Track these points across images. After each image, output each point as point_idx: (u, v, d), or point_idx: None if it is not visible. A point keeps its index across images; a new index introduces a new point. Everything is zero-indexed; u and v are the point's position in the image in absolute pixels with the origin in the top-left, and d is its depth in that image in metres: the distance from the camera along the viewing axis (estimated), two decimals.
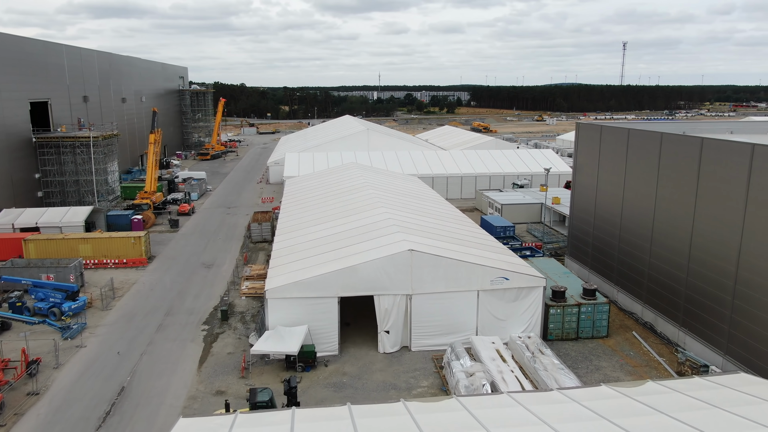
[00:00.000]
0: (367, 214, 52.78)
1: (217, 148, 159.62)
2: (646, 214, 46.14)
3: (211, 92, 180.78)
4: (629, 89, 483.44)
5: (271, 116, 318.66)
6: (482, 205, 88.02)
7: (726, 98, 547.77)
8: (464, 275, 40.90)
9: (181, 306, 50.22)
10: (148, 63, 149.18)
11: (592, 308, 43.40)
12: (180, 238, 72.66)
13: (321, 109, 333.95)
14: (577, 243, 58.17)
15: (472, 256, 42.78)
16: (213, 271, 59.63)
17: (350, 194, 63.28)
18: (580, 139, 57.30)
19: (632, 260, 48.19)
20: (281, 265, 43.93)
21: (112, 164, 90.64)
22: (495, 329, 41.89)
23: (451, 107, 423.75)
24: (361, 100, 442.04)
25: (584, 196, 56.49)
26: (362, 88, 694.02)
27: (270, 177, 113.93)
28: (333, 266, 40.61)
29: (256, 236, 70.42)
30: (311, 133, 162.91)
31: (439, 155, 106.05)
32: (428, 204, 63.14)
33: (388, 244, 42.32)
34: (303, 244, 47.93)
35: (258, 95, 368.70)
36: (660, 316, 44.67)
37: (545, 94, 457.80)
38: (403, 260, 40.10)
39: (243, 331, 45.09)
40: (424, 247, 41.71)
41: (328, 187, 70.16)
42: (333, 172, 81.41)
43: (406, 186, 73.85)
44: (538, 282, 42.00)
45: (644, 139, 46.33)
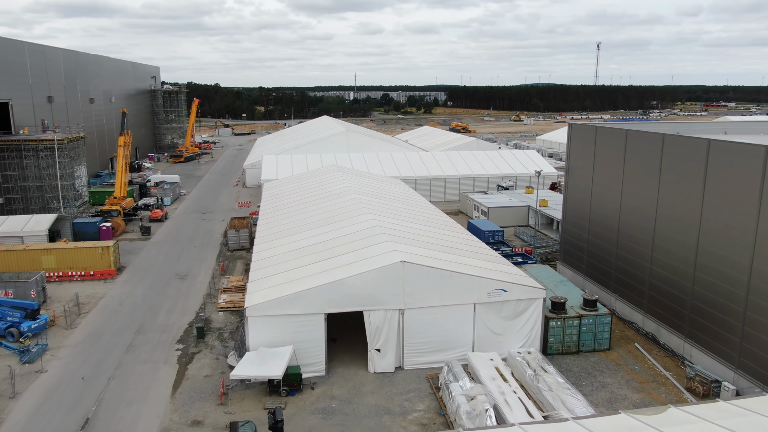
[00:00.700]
0: (352, 221, 49.76)
1: (191, 149, 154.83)
2: (646, 219, 44.00)
3: (184, 92, 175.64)
4: (604, 89, 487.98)
5: (247, 117, 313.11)
6: (467, 208, 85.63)
7: (696, 98, 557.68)
8: (460, 288, 38.17)
9: (153, 322, 46.56)
10: (117, 62, 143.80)
11: (593, 320, 41.06)
12: (152, 246, 68.68)
13: (297, 109, 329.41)
14: (571, 248, 55.95)
15: (467, 266, 40.08)
16: (188, 282, 55.95)
17: (333, 199, 60.16)
18: (573, 140, 55.09)
19: (632, 267, 46.03)
20: (261, 278, 40.65)
21: (79, 168, 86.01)
22: (492, 344, 39.26)
23: (428, 107, 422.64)
24: (338, 100, 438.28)
25: (578, 199, 54.29)
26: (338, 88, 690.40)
27: (246, 180, 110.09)
28: (318, 280, 37.51)
29: (233, 244, 66.84)
30: (288, 134, 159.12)
31: (422, 157, 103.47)
32: (415, 208, 60.36)
33: (378, 255, 39.37)
34: (284, 255, 44.70)
35: (233, 95, 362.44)
36: (663, 327, 42.54)
37: (521, 94, 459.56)
38: (395, 273, 37.20)
39: (221, 350, 41.70)
40: (416, 257, 38.87)
41: (309, 192, 66.92)
42: (313, 176, 78.14)
43: (390, 189, 70.99)
44: (537, 293, 39.48)
45: (644, 141, 44.18)
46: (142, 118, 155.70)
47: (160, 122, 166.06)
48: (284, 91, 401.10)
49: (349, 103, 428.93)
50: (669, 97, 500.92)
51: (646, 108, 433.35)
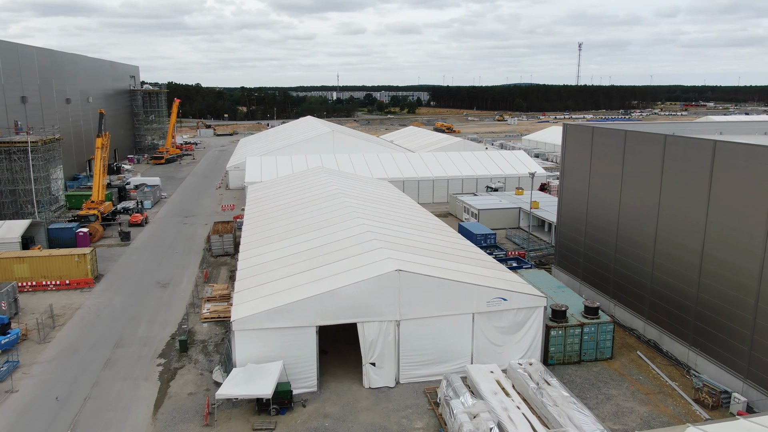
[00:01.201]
0: (342, 226, 47.73)
1: (172, 151, 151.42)
2: (647, 222, 42.61)
3: (164, 92, 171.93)
4: (586, 89, 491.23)
5: (229, 117, 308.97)
6: (456, 210, 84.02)
7: (676, 98, 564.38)
8: (458, 297, 36.38)
9: (132, 335, 44.08)
10: (95, 61, 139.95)
11: (595, 328, 39.53)
12: (132, 252, 65.93)
13: (280, 109, 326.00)
14: (566, 252, 54.51)
15: (465, 274, 38.29)
16: (169, 291, 53.45)
17: (321, 203, 58.05)
18: (568, 141, 53.65)
19: (632, 272, 44.65)
20: (248, 288, 38.46)
21: (55, 171, 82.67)
22: (492, 355, 37.53)
23: (411, 107, 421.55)
24: (321, 100, 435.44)
25: (573, 201, 52.85)
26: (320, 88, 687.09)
27: (230, 182, 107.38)
28: (309, 290, 35.45)
29: (216, 250, 64.39)
30: (272, 134, 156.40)
31: (409, 158, 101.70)
32: (405, 212, 58.51)
33: (371, 263, 37.40)
34: (272, 263, 42.53)
35: (214, 96, 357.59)
36: (666, 334, 41.17)
37: (504, 94, 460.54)
38: (390, 282, 35.27)
39: (205, 364, 39.41)
40: (412, 265, 36.98)
41: (295, 195, 64.72)
42: (299, 178, 75.91)
43: (378, 192, 69.06)
44: (538, 302, 37.84)
45: (645, 142, 42.79)
46: (122, 119, 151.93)
47: (139, 123, 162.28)
48: (267, 91, 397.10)
49: (332, 103, 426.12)
50: (649, 97, 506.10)
51: (627, 108, 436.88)
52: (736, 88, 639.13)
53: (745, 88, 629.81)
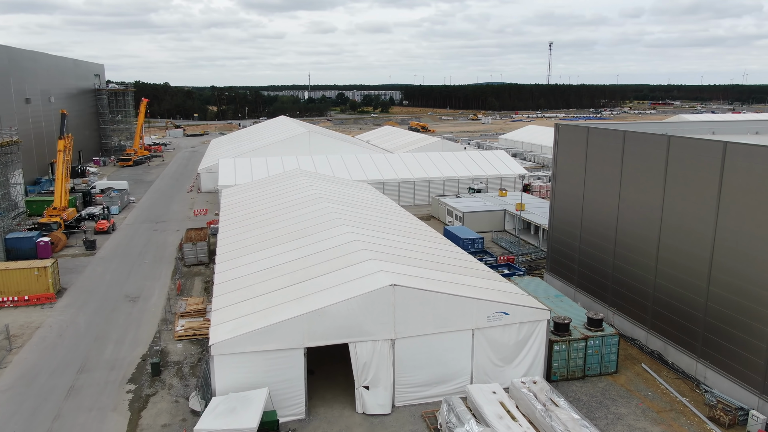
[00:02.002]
0: (327, 234, 44.65)
1: (140, 152, 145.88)
2: (649, 228, 40.58)
3: (131, 92, 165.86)
4: (557, 88, 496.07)
5: (199, 117, 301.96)
6: (439, 213, 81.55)
7: (643, 97, 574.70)
8: (457, 312, 33.70)
9: (99, 358, 40.29)
10: (56, 59, 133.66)
11: (599, 341, 37.30)
12: (98, 263, 61.67)
13: (252, 109, 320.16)
14: (559, 257, 52.38)
15: (463, 286, 35.64)
16: (139, 306, 49.62)
17: (301, 208, 54.82)
18: (561, 142, 51.49)
19: (632, 280, 42.62)
20: (227, 306, 35.14)
21: (14, 175, 77.46)
22: (493, 374, 34.98)
23: (384, 107, 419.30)
24: (293, 100, 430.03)
25: (567, 205, 50.73)
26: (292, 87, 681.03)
27: (202, 185, 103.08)
28: (296, 309, 32.34)
29: (190, 259, 60.58)
30: (245, 135, 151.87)
31: (388, 159, 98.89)
32: (390, 217, 55.68)
33: (363, 277, 34.46)
34: (252, 276, 39.24)
35: (183, 95, 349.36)
36: (671, 345, 39.20)
37: (477, 93, 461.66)
38: (385, 298, 32.39)
39: (181, 390, 35.94)
40: (406, 279, 34.16)
41: (273, 200, 61.30)
42: (276, 181, 72.43)
43: (360, 195, 66.08)
44: (541, 315, 35.40)
45: (646, 143, 40.74)
46: (86, 119, 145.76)
47: (105, 123, 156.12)
48: (237, 91, 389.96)
49: (304, 102, 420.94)
50: (618, 95, 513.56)
51: (597, 107, 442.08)
52: (700, 87, 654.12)
53: (708, 87, 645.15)
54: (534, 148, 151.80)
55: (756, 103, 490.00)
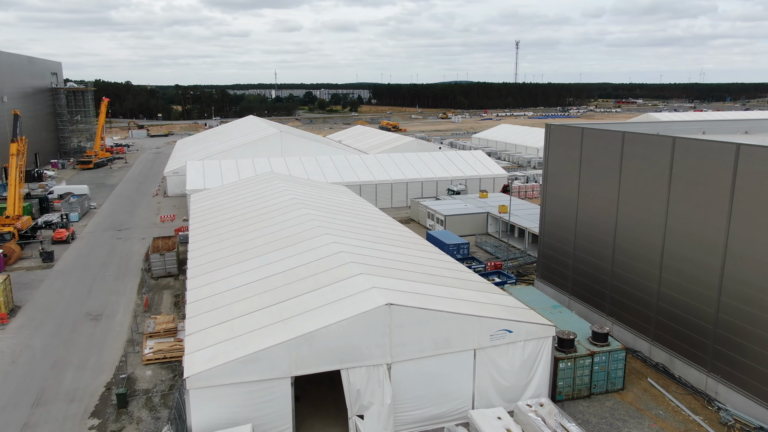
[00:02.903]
0: (308, 245, 41.33)
1: (102, 154, 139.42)
2: (652, 234, 38.48)
3: (91, 91, 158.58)
4: (524, 87, 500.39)
5: (163, 117, 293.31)
6: (419, 216, 78.83)
7: (607, 95, 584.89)
8: (458, 331, 30.88)
9: (57, 388, 36.16)
10: (9, 56, 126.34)
11: (606, 357, 34.98)
12: (56, 276, 56.93)
13: (218, 108, 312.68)
14: (552, 264, 50.13)
15: (462, 302, 32.83)
16: (103, 325, 45.43)
17: (279, 215, 51.31)
18: (552, 143, 49.21)
19: (634, 289, 40.51)
20: (202, 329, 31.57)
21: None
22: (495, 396, 32.30)
23: (353, 105, 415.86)
24: (260, 98, 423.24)
25: (560, 209, 48.48)
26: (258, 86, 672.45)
27: (168, 189, 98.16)
28: (281, 333, 29.02)
29: (157, 270, 56.38)
30: (212, 135, 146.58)
31: (364, 160, 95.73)
32: (373, 223, 52.61)
33: (354, 295, 31.33)
34: (229, 294, 35.70)
35: (146, 94, 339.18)
36: (677, 357, 37.16)
37: (445, 92, 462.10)
38: (380, 319, 29.33)
39: (151, 424, 32.21)
40: (402, 296, 31.16)
41: (247, 206, 57.54)
42: (249, 185, 68.57)
43: (339, 199, 62.82)
44: (546, 331, 32.85)
45: (647, 145, 38.59)
46: (43, 120, 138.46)
47: (64, 124, 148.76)
48: (202, 89, 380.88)
49: (271, 101, 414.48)
50: (584, 94, 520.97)
51: (563, 105, 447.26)
52: (661, 86, 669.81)
53: (669, 86, 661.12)
54: (508, 147, 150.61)
55: (715, 101, 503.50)
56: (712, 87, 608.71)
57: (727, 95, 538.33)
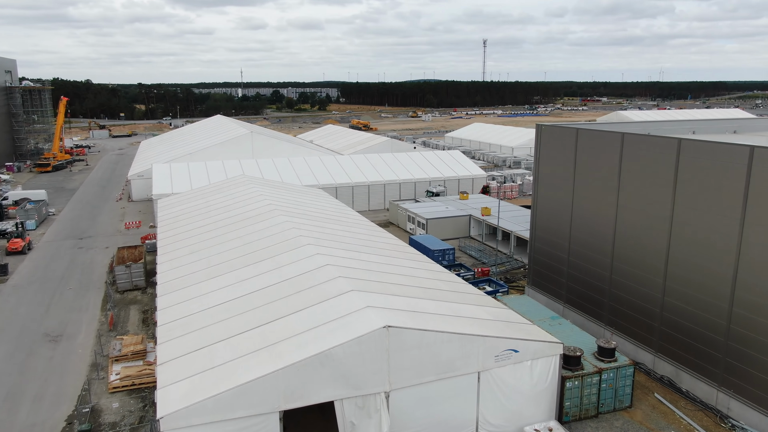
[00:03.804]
0: (290, 257, 38.18)
1: (61, 156, 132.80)
2: (655, 240, 36.57)
3: (49, 89, 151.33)
4: (492, 85, 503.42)
5: (126, 116, 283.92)
6: (399, 219, 76.15)
7: (573, 93, 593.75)
8: (462, 353, 28.26)
9: (11, 423, 32.24)
10: None
11: (614, 374, 32.86)
12: (10, 292, 52.37)
13: (183, 107, 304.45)
14: (544, 270, 48.02)
15: (463, 320, 30.24)
16: (63, 347, 41.43)
17: (255, 223, 47.96)
18: (544, 144, 47.05)
19: (635, 297, 38.58)
20: (177, 357, 28.22)
21: None
22: (501, 421, 29.83)
23: (322, 104, 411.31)
24: (226, 97, 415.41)
25: (552, 213, 46.37)
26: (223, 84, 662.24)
27: (133, 193, 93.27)
28: (267, 362, 25.92)
29: (123, 283, 52.36)
30: (178, 136, 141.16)
31: (340, 161, 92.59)
32: (356, 230, 49.70)
33: (346, 316, 28.39)
34: (205, 314, 32.36)
35: (108, 93, 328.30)
36: (684, 370, 35.32)
37: (415, 90, 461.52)
38: (377, 343, 26.49)
39: None
40: (400, 316, 28.38)
41: (220, 212, 53.94)
42: (221, 189, 64.80)
43: (317, 204, 59.67)
44: (553, 349, 30.52)
45: (650, 147, 36.62)
46: None
47: (19, 125, 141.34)
48: (167, 88, 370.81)
49: (238, 100, 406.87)
50: (550, 92, 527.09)
51: (531, 103, 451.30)
52: (624, 84, 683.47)
53: (631, 84, 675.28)
54: (482, 147, 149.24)
55: (676, 99, 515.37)
56: (672, 85, 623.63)
57: (688, 93, 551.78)
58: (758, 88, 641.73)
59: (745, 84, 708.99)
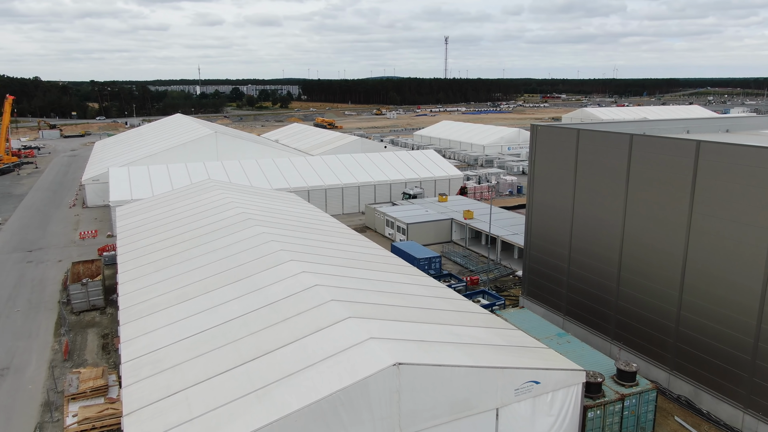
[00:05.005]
0: (271, 276, 34.05)
1: (7, 159, 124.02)
2: (669, 251, 33.91)
3: None
4: (455, 82, 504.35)
5: (78, 115, 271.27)
6: (376, 224, 72.44)
7: (532, 90, 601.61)
8: (479, 389, 24.80)
9: None
10: None
11: (636, 399, 29.99)
12: None
13: (139, 106, 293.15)
14: (541, 280, 45.12)
15: (479, 348, 26.79)
16: (9, 383, 36.21)
17: (228, 235, 43.52)
18: (540, 146, 44.05)
19: (646, 311, 35.92)
20: (147, 405, 23.87)
21: None
22: None
23: (284, 102, 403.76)
24: (184, 95, 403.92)
25: (550, 219, 43.45)
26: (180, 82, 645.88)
27: (88, 199, 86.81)
28: (257, 413, 21.87)
29: (79, 303, 47.13)
30: (136, 137, 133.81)
31: (311, 162, 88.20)
32: (339, 241, 45.80)
33: (346, 350, 24.54)
34: (177, 348, 28.01)
35: (58, 91, 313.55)
36: (705, 390, 32.78)
37: (377, 88, 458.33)
38: (386, 384, 22.76)
39: None
40: (409, 349, 24.70)
41: (187, 222, 49.18)
42: (187, 195, 59.81)
43: (292, 211, 55.45)
44: (576, 377, 27.39)
45: (663, 150, 33.89)
46: None
47: None
48: (121, 85, 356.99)
49: (197, 98, 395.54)
50: (511, 89, 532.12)
51: (493, 100, 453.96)
52: (581, 81, 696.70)
53: (588, 81, 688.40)
54: (452, 145, 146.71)
55: (632, 96, 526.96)
56: (628, 82, 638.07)
57: (644, 90, 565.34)
58: (708, 85, 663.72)
59: (695, 81, 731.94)
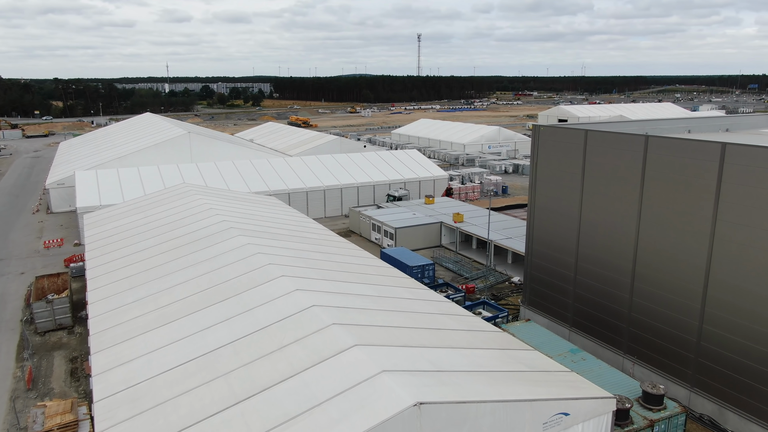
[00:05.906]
0: (262, 295, 30.80)
1: None
2: (690, 261, 31.75)
3: None
4: (428, 80, 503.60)
5: (41, 114, 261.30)
6: (361, 228, 69.43)
7: (504, 88, 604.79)
8: (505, 425, 22.06)
9: None
10: None
11: (665, 425, 27.69)
12: None
13: (106, 104, 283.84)
14: (544, 289, 42.75)
15: (501, 377, 24.05)
16: None
17: (209, 246, 40.00)
18: (543, 147, 41.60)
19: (664, 324, 33.74)
20: None
21: None
22: None
23: (256, 100, 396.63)
24: (153, 93, 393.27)
25: (554, 225, 41.08)
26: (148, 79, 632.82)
27: (52, 204, 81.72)
28: None
29: (44, 323, 43.06)
30: (103, 137, 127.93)
31: (290, 163, 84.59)
32: (329, 250, 42.69)
33: (356, 386, 21.53)
34: (158, 383, 24.61)
35: (20, 89, 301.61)
36: (730, 409, 30.71)
37: (351, 85, 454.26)
38: (405, 426, 19.83)
39: None
40: (428, 383, 21.81)
41: (163, 232, 45.42)
42: (161, 201, 55.85)
43: (275, 217, 52.09)
44: (606, 406, 24.85)
45: (684, 152, 31.67)
46: None
47: None
48: (86, 83, 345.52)
49: (166, 96, 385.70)
50: (484, 87, 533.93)
51: (466, 98, 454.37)
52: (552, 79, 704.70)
53: (559, 79, 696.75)
54: (432, 144, 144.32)
55: (602, 93, 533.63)
56: (598, 80, 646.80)
57: (613, 88, 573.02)
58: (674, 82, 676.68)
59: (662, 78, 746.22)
